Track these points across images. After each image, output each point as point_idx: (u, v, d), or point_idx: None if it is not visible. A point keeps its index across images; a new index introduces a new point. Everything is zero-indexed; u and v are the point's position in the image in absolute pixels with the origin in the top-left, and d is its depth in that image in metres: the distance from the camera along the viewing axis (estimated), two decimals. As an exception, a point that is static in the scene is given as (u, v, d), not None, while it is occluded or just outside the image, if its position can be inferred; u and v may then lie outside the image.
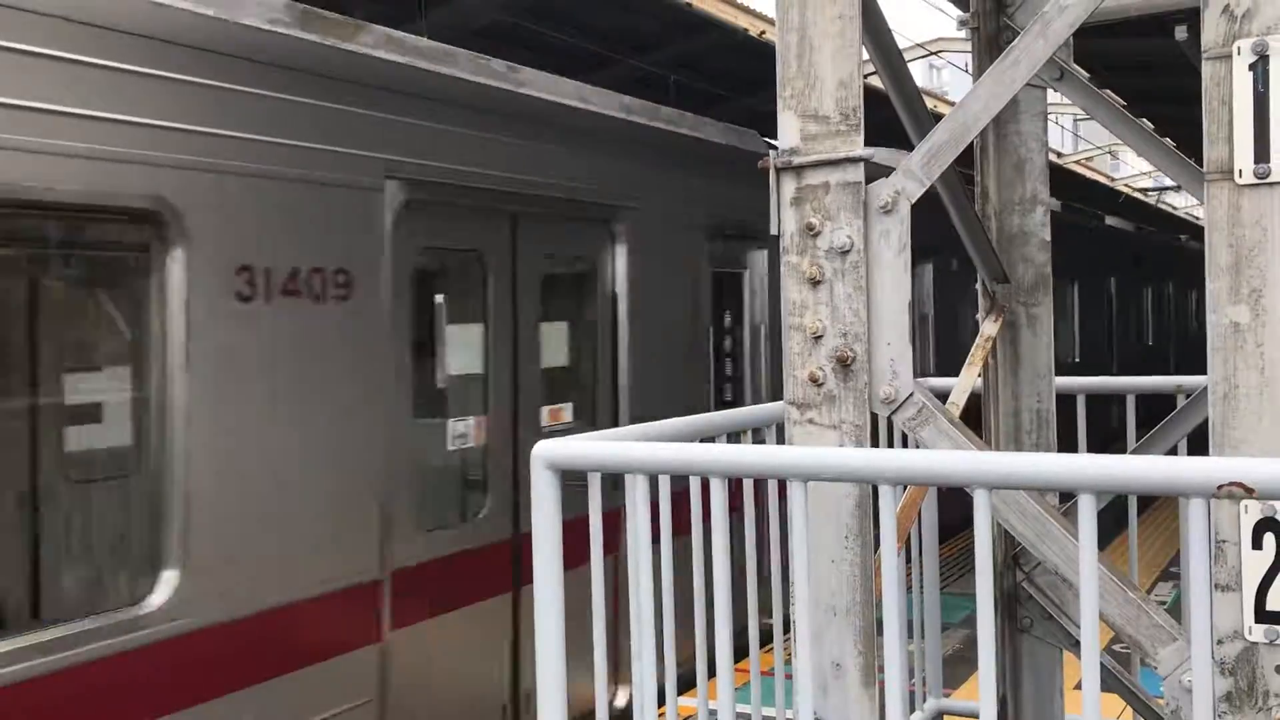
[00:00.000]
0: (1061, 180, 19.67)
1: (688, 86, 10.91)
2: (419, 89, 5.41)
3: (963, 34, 3.78)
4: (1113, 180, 26.03)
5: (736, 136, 8.30)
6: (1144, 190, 26.95)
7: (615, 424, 6.54)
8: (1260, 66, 2.21)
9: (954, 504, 4.31)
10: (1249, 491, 1.82)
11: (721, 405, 8.02)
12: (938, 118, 2.79)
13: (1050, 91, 3.61)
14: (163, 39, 4.23)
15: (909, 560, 4.10)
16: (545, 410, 6.19)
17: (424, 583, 5.30)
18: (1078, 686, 4.69)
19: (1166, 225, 25.76)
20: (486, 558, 5.74)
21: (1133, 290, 18.69)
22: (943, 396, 3.09)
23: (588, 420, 6.57)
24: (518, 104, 6.08)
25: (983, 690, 2.04)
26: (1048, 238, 3.57)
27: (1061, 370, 3.71)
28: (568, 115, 6.48)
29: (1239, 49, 2.23)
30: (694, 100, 10.33)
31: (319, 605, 4.72)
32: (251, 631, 4.43)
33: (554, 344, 6.43)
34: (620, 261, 6.75)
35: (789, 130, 2.54)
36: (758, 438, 3.32)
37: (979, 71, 3.53)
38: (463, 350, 5.81)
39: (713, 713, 2.88)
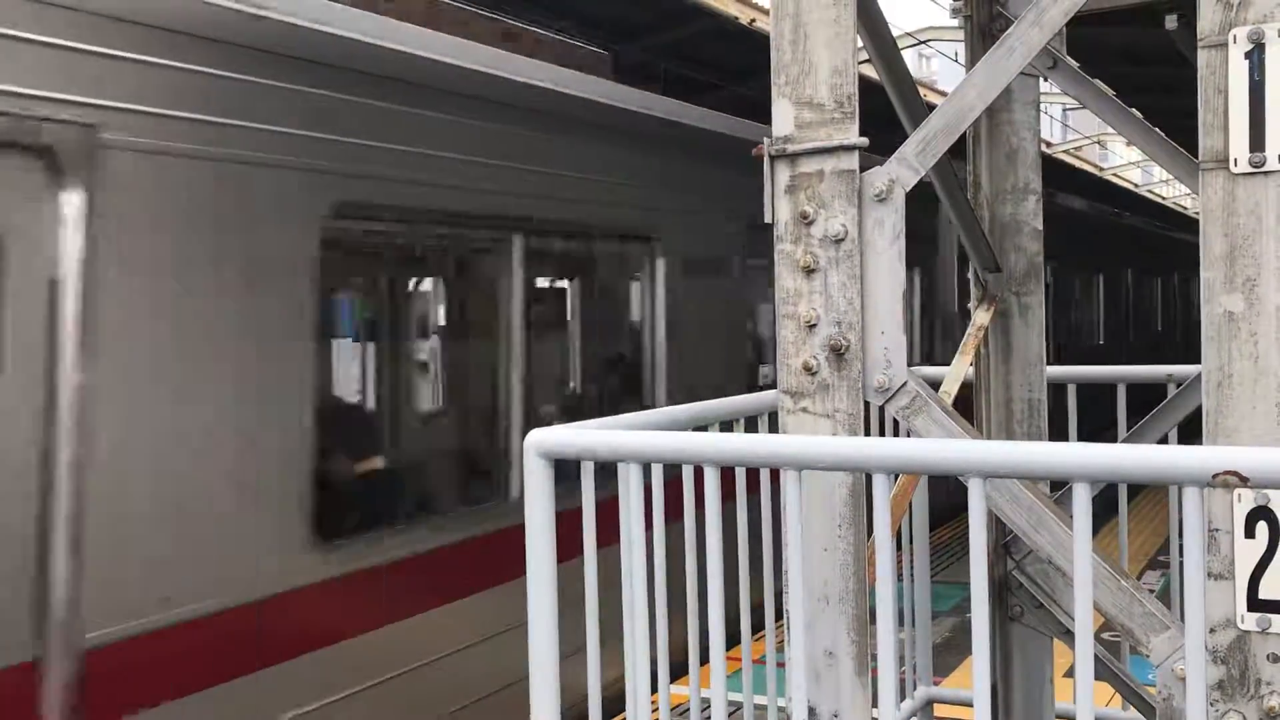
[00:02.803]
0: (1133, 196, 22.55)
1: (678, 74, 10.89)
2: None
3: (955, 22, 3.77)
4: (1100, 170, 26.08)
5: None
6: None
7: None
8: (1256, 55, 2.20)
9: (941, 493, 4.33)
10: (1243, 480, 1.82)
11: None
12: (930, 107, 2.78)
13: (1040, 81, 3.61)
14: None
15: (899, 549, 4.10)
16: None
17: None
18: (1067, 674, 4.69)
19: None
20: None
21: (1193, 284, 23.48)
22: (934, 385, 3.09)
23: None
24: None
25: (976, 678, 2.04)
26: (1039, 226, 3.56)
27: (1151, 333, 3.69)
28: None
29: (1234, 37, 2.22)
30: (685, 88, 10.31)
31: None
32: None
33: None
34: None
35: (783, 117, 2.53)
36: (751, 426, 3.31)
37: (971, 60, 3.52)
38: None
39: (705, 701, 2.88)
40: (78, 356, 3.85)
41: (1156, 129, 3.22)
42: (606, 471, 2.49)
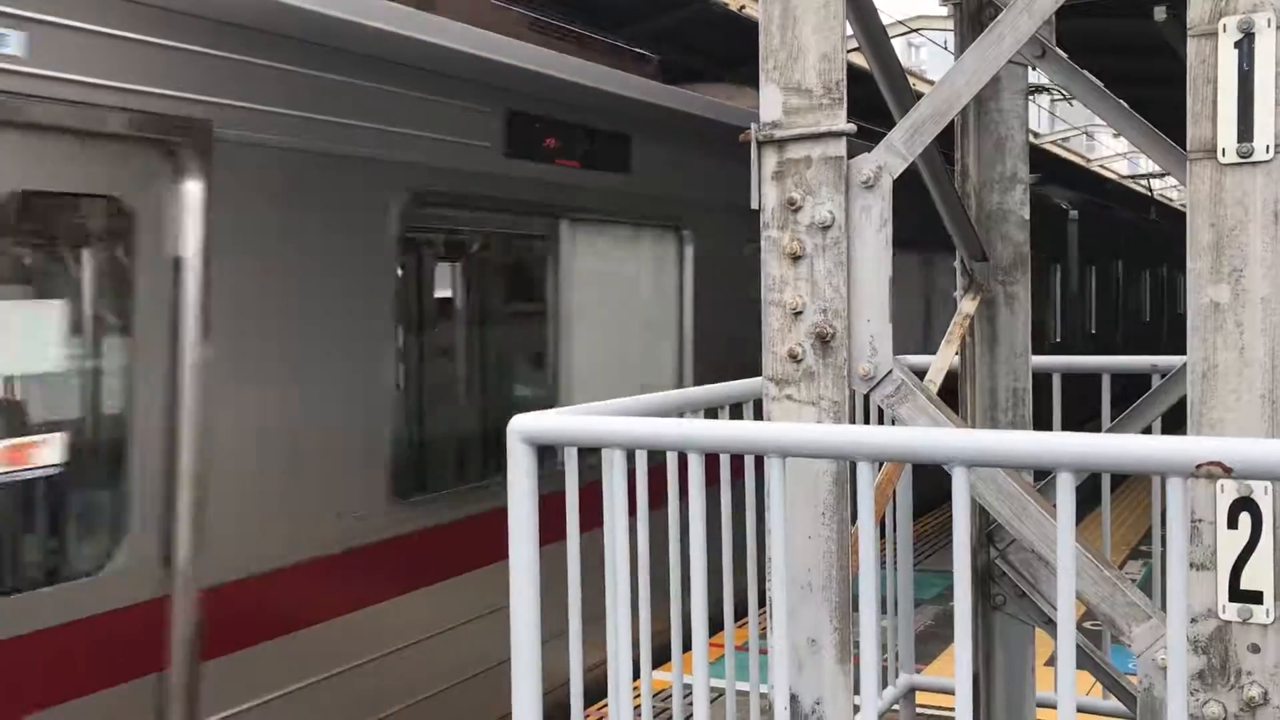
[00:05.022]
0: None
1: (668, 61, 10.85)
2: None
3: (944, 10, 3.76)
4: (1089, 161, 26.14)
5: None
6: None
7: None
8: (1245, 44, 2.19)
9: (924, 481, 4.33)
10: (1227, 471, 1.82)
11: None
12: (918, 96, 2.76)
13: (1029, 70, 3.60)
14: None
15: (881, 537, 4.11)
16: None
17: None
18: (1048, 663, 4.71)
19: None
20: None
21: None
22: (920, 374, 3.08)
23: None
24: None
25: (958, 666, 2.04)
26: (1027, 216, 3.56)
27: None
28: None
29: (1224, 26, 2.21)
30: (674, 75, 10.26)
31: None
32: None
33: None
34: None
35: (771, 103, 2.51)
36: (735, 413, 3.31)
37: (961, 47, 3.51)
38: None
39: (687, 687, 2.88)
40: None
41: (1144, 119, 3.21)
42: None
